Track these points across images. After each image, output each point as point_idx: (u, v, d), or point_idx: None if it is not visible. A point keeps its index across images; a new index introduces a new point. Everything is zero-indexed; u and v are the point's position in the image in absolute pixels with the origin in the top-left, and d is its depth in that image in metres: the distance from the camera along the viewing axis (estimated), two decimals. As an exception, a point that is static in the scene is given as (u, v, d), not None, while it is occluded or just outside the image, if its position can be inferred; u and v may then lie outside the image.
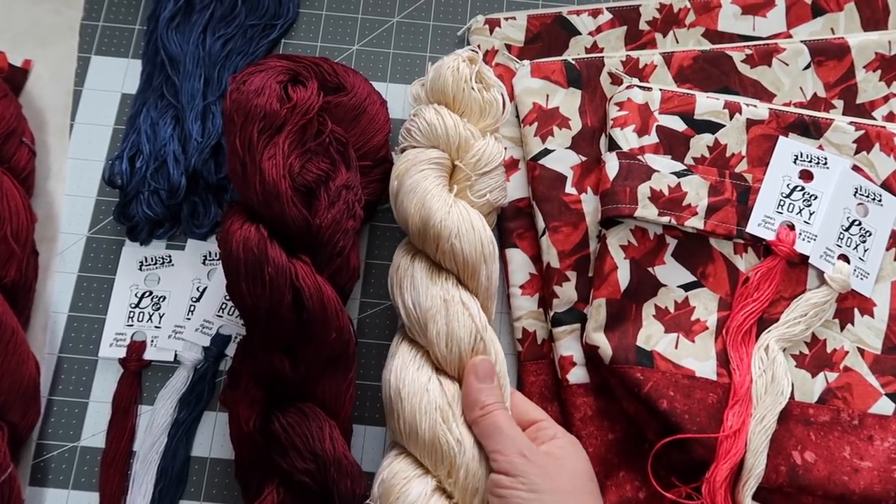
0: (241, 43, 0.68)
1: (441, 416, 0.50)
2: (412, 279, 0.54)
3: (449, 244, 0.53)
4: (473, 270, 0.54)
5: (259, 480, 0.54)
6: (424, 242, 0.55)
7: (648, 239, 0.58)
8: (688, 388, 0.55)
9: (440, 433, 0.50)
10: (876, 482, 0.53)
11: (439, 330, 0.52)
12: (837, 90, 0.63)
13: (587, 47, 0.67)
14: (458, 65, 0.59)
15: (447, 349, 0.52)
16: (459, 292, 0.54)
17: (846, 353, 0.57)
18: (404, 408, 0.51)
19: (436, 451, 0.50)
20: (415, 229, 0.55)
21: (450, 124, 0.57)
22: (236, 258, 0.51)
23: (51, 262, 0.63)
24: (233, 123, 0.54)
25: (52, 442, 0.59)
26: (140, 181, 0.62)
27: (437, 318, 0.52)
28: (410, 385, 0.51)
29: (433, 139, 0.57)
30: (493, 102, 0.60)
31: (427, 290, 0.53)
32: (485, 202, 0.57)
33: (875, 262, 0.58)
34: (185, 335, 0.62)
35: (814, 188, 0.59)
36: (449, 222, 0.53)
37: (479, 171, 0.57)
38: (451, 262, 0.54)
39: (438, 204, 0.54)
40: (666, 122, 0.60)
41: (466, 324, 0.52)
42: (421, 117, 0.58)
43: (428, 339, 0.52)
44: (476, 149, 0.57)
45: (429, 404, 0.50)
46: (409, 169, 0.56)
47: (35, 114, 0.67)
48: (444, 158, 0.57)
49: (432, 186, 0.55)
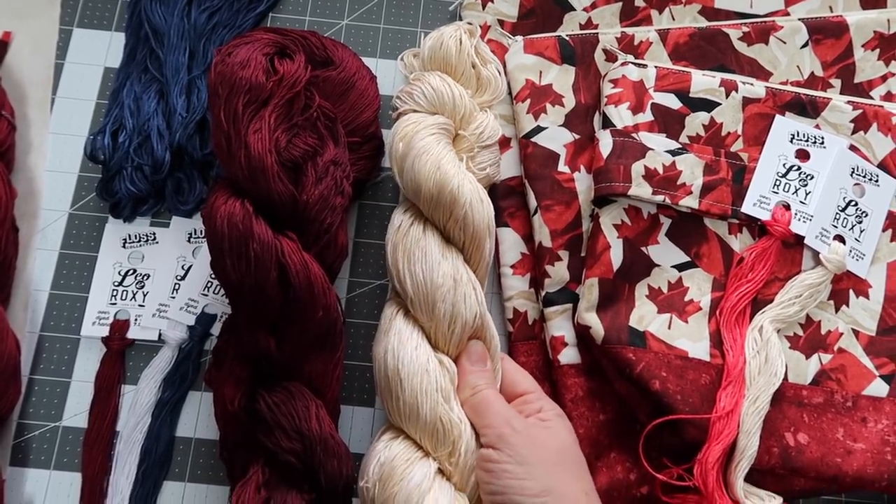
0: (228, 16, 0.66)
1: (443, 396, 0.50)
2: (424, 252, 0.52)
3: (463, 212, 0.52)
4: (480, 243, 0.53)
5: (244, 460, 0.53)
6: (436, 209, 0.53)
7: (642, 218, 0.58)
8: (680, 369, 0.54)
9: (442, 413, 0.49)
10: (869, 464, 0.52)
11: (446, 310, 0.51)
12: (835, 69, 0.62)
13: (581, 23, 0.66)
14: (460, 35, 0.58)
15: (449, 330, 0.51)
16: (466, 272, 0.53)
17: (840, 335, 0.56)
18: (405, 389, 0.49)
19: (438, 433, 0.49)
20: (428, 195, 0.52)
21: (457, 94, 0.56)
22: (221, 234, 0.50)
23: (32, 239, 0.62)
24: (217, 96, 0.53)
25: (33, 422, 0.58)
26: (123, 157, 0.61)
27: (448, 297, 0.51)
28: (410, 365, 0.50)
29: (438, 106, 0.56)
30: (492, 79, 0.59)
31: (439, 266, 0.52)
32: (485, 175, 0.57)
33: (871, 243, 0.57)
34: (170, 314, 0.60)
35: (810, 168, 0.58)
36: (465, 189, 0.52)
37: (481, 143, 0.56)
38: (460, 232, 0.53)
39: (455, 170, 0.53)
40: (661, 100, 0.59)
41: (472, 305, 0.52)
42: (425, 82, 0.56)
43: (435, 317, 0.51)
44: (479, 121, 0.57)
45: (429, 385, 0.50)
46: (419, 131, 0.54)
47: (15, 87, 0.65)
48: (449, 125, 0.56)
49: (446, 152, 0.53)
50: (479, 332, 0.53)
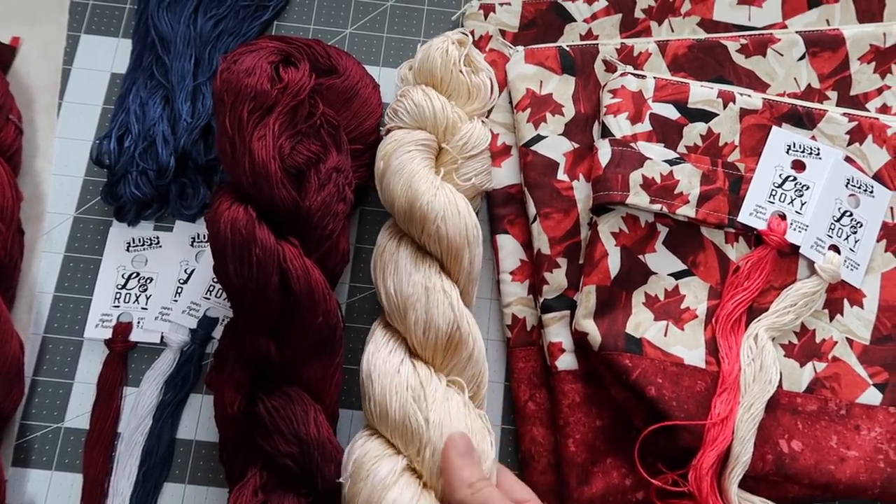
0: (233, 23, 0.67)
1: (412, 395, 0.50)
2: (396, 265, 0.54)
3: (435, 226, 0.53)
4: (457, 254, 0.54)
5: (243, 463, 0.53)
6: (410, 224, 0.54)
7: (640, 226, 0.58)
8: (676, 376, 0.54)
9: (410, 412, 0.49)
10: (862, 471, 0.53)
11: (418, 318, 0.52)
12: (831, 81, 0.63)
13: (582, 34, 0.67)
14: (447, 46, 0.59)
15: (424, 336, 0.52)
16: (441, 280, 0.54)
17: (835, 344, 0.57)
18: (374, 389, 0.50)
19: (406, 431, 0.49)
20: (401, 211, 0.54)
21: (437, 106, 0.57)
22: (224, 238, 0.51)
23: (37, 242, 0.63)
24: (223, 103, 0.54)
25: (35, 423, 0.59)
26: (128, 161, 0.61)
27: (418, 305, 0.52)
28: (381, 367, 0.51)
29: (420, 121, 0.57)
30: (482, 86, 0.60)
31: (410, 277, 0.53)
32: (470, 186, 0.58)
33: (865, 254, 0.58)
34: (172, 317, 0.61)
35: (806, 178, 0.58)
36: (436, 204, 0.53)
37: (465, 154, 0.57)
38: (435, 245, 0.54)
39: (425, 186, 0.54)
40: (659, 110, 0.60)
41: (446, 313, 0.52)
42: (409, 98, 0.58)
43: (406, 325, 0.52)
44: (463, 132, 0.57)
45: (399, 385, 0.50)
46: (396, 150, 0.55)
47: (23, 92, 0.66)
48: (431, 140, 0.57)
49: (419, 168, 0.55)
50: (456, 340, 0.52)
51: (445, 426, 0.48)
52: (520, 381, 0.59)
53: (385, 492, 0.46)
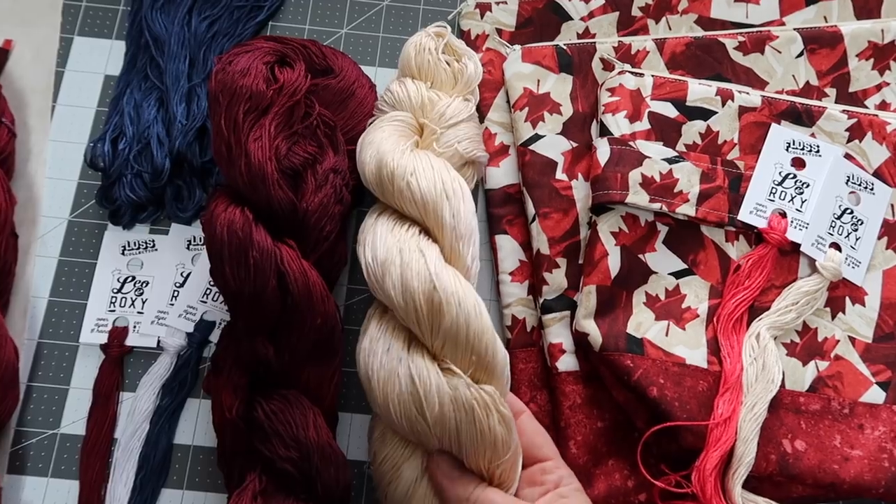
0: (228, 24, 0.67)
1: (415, 403, 0.47)
2: (373, 234, 0.52)
3: (405, 181, 0.51)
4: (435, 208, 0.51)
5: (241, 468, 0.53)
6: (383, 190, 0.53)
7: (639, 226, 0.58)
8: (678, 376, 0.54)
9: (413, 418, 0.47)
10: (866, 471, 0.52)
11: (394, 282, 0.48)
12: (830, 78, 0.63)
13: (579, 32, 0.66)
14: (419, 39, 0.61)
15: (404, 303, 0.48)
16: (419, 240, 0.51)
17: (837, 342, 0.56)
18: (376, 396, 0.48)
19: (415, 433, 0.48)
20: (371, 177, 0.54)
21: (412, 89, 0.59)
22: (220, 241, 0.50)
23: (31, 246, 0.62)
24: (218, 104, 0.53)
25: (31, 429, 0.58)
26: (123, 164, 0.61)
27: (392, 269, 0.49)
28: (379, 371, 0.48)
29: (396, 104, 0.59)
30: (464, 69, 0.61)
31: (384, 241, 0.51)
32: (454, 152, 0.57)
33: (866, 251, 0.58)
34: (169, 321, 0.61)
35: (806, 176, 0.58)
36: (403, 161, 0.53)
37: (444, 124, 0.57)
38: (411, 205, 0.52)
39: (392, 146, 0.54)
40: (658, 109, 0.60)
41: (420, 272, 0.48)
42: (386, 90, 0.60)
43: (386, 294, 0.49)
44: (439, 105, 0.58)
45: (399, 389, 0.47)
46: (370, 130, 0.57)
47: (16, 95, 0.65)
48: (406, 116, 0.58)
49: (387, 135, 0.55)
50: (436, 303, 0.47)
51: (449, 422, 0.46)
52: (520, 383, 0.58)
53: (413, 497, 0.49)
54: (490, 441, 0.46)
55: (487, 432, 0.46)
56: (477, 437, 0.46)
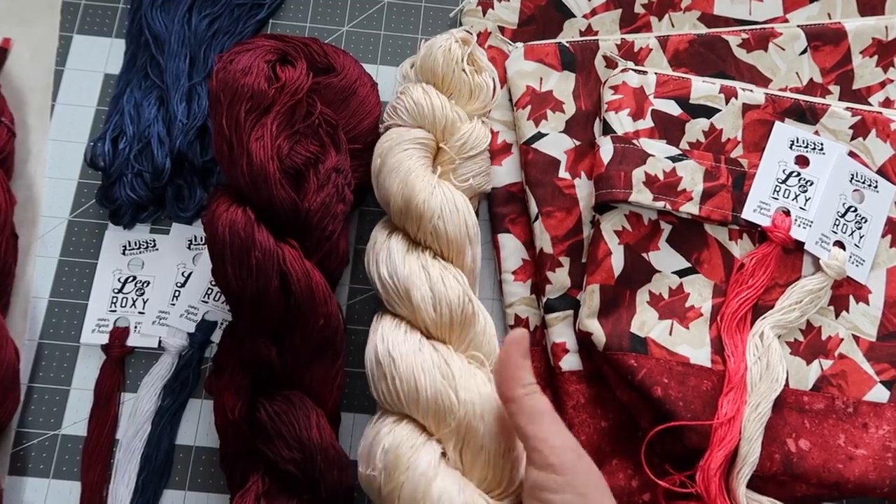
0: (228, 22, 0.66)
1: (440, 373, 0.48)
2: (389, 251, 0.53)
3: (432, 225, 0.52)
4: (459, 251, 0.53)
5: (244, 469, 0.52)
6: (406, 222, 0.53)
7: (643, 224, 0.58)
8: (682, 375, 0.54)
9: (441, 389, 0.47)
10: (870, 470, 0.52)
11: (423, 294, 0.50)
12: (834, 75, 0.62)
13: (581, 30, 0.66)
14: (450, 45, 0.58)
15: (436, 313, 0.50)
16: (439, 262, 0.52)
17: (841, 341, 0.56)
18: (399, 368, 0.48)
19: (439, 409, 0.47)
20: (396, 209, 0.53)
21: (437, 105, 0.56)
22: (222, 241, 0.50)
23: (31, 246, 0.62)
24: (219, 103, 0.53)
25: (32, 430, 0.58)
26: (123, 163, 0.61)
27: (419, 283, 0.50)
28: (402, 346, 0.49)
29: (419, 119, 0.56)
30: (484, 86, 0.59)
31: (404, 259, 0.52)
32: (468, 187, 0.57)
33: (870, 249, 0.58)
34: (170, 321, 0.60)
35: (810, 174, 0.58)
36: (433, 203, 0.52)
37: (463, 154, 0.57)
38: (433, 241, 0.53)
39: (422, 184, 0.53)
40: (661, 106, 0.59)
41: (453, 286, 0.50)
42: (408, 96, 0.57)
43: (413, 305, 0.50)
44: (462, 132, 0.57)
45: (425, 362, 0.48)
46: (393, 147, 0.55)
47: (15, 94, 0.65)
48: (429, 139, 0.56)
49: (416, 166, 0.54)
50: (470, 313, 0.51)
51: (476, 403, 0.47)
52: (523, 383, 0.58)
53: (430, 485, 0.45)
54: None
55: None
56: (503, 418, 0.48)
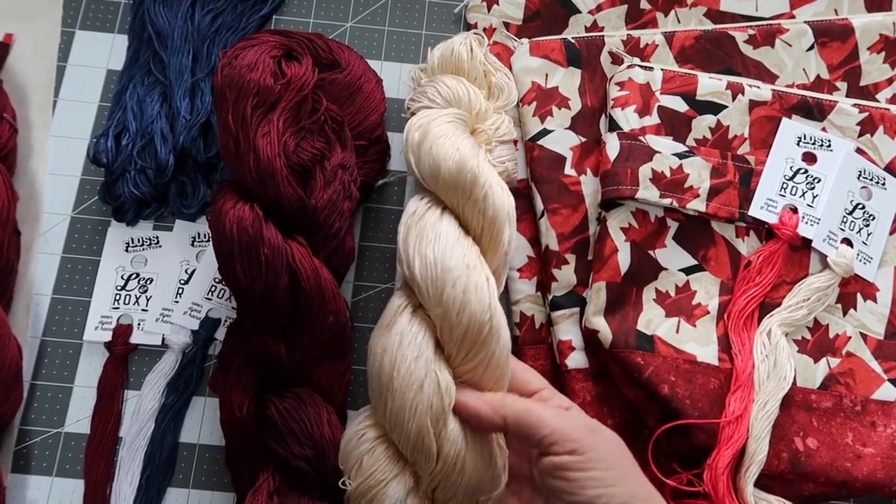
0: (231, 18, 0.66)
1: (431, 418, 0.45)
2: (439, 234, 0.48)
3: (483, 192, 0.49)
4: (499, 230, 0.50)
5: (251, 467, 0.52)
6: (454, 190, 0.50)
7: (649, 221, 0.57)
8: (689, 373, 0.54)
9: (426, 434, 0.45)
10: (879, 469, 0.52)
11: (455, 297, 0.46)
12: (841, 72, 0.62)
13: (587, 26, 0.65)
14: (470, 42, 0.58)
15: (457, 318, 0.46)
16: (481, 262, 0.49)
17: (849, 339, 0.56)
18: (394, 399, 0.45)
19: (417, 452, 0.45)
20: (447, 174, 0.49)
21: (472, 91, 0.56)
22: (230, 238, 0.49)
23: (34, 243, 0.61)
24: (225, 99, 0.52)
25: (35, 428, 0.58)
26: (126, 160, 0.60)
27: (458, 282, 0.46)
28: (406, 377, 0.45)
29: (454, 102, 0.56)
30: (504, 86, 0.60)
31: (454, 250, 0.47)
32: (503, 169, 0.57)
33: (878, 247, 0.57)
34: (173, 318, 0.60)
35: (817, 171, 0.58)
36: (484, 168, 0.50)
37: (499, 137, 0.56)
38: (480, 216, 0.49)
39: (473, 150, 0.51)
40: (667, 103, 0.59)
41: (483, 296, 0.46)
42: (439, 81, 0.56)
43: (443, 303, 0.46)
44: (495, 118, 0.57)
45: (421, 403, 0.45)
46: (435, 119, 0.52)
47: (17, 90, 0.65)
48: (466, 117, 0.55)
49: (463, 136, 0.52)
50: (486, 331, 0.46)
51: (460, 456, 0.45)
52: (530, 380, 0.58)
53: None
54: (490, 477, 0.47)
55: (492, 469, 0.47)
56: (482, 468, 0.46)
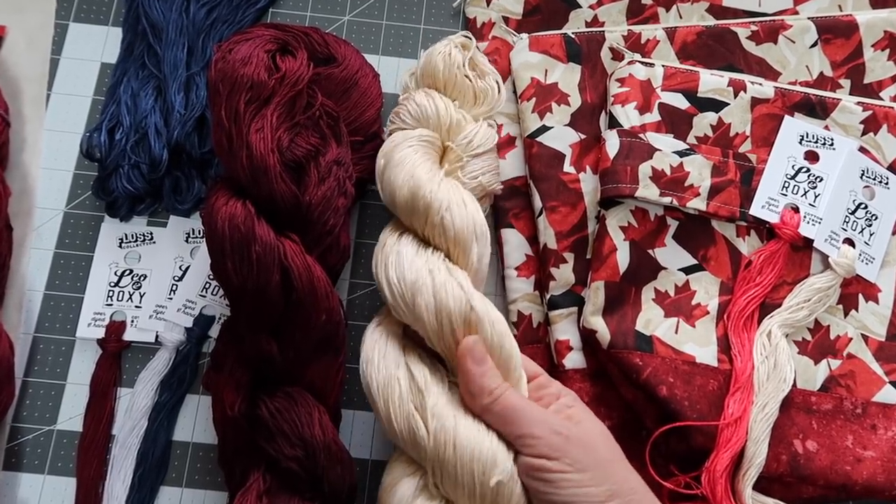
0: (227, 11, 0.65)
1: (414, 404, 0.46)
2: (398, 254, 0.50)
3: (440, 216, 0.50)
4: (464, 248, 0.51)
5: (243, 467, 0.52)
6: (413, 216, 0.51)
7: (649, 220, 0.57)
8: (688, 375, 0.53)
9: (413, 424, 0.46)
10: (879, 472, 0.51)
11: (428, 303, 0.47)
12: (844, 69, 0.61)
13: (587, 21, 0.65)
14: (449, 50, 0.57)
15: (437, 323, 0.47)
16: (446, 264, 0.50)
17: (850, 340, 0.55)
18: (378, 406, 0.47)
19: (416, 445, 0.46)
20: (402, 202, 0.51)
21: (440, 106, 0.55)
22: (222, 235, 0.49)
23: (26, 238, 0.61)
24: (218, 94, 0.52)
25: (27, 425, 0.57)
26: (120, 154, 0.59)
27: (424, 289, 0.48)
28: (378, 378, 0.48)
29: (423, 121, 0.55)
30: (489, 90, 0.58)
31: (412, 263, 0.49)
32: (477, 184, 0.56)
33: (881, 247, 0.57)
34: (167, 315, 0.59)
35: (819, 170, 0.57)
36: (440, 194, 0.50)
37: (470, 152, 0.55)
38: (440, 237, 0.51)
39: (428, 175, 0.51)
40: (668, 100, 0.58)
41: (457, 295, 0.47)
42: (411, 100, 0.56)
43: (416, 315, 0.48)
44: (467, 130, 0.56)
45: (400, 397, 0.47)
46: (398, 145, 0.53)
47: (10, 83, 0.64)
48: (433, 137, 0.55)
49: (421, 160, 0.52)
50: (473, 324, 0.47)
51: (447, 434, 0.45)
52: (526, 380, 0.57)
53: None
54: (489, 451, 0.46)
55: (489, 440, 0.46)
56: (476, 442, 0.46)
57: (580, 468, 0.43)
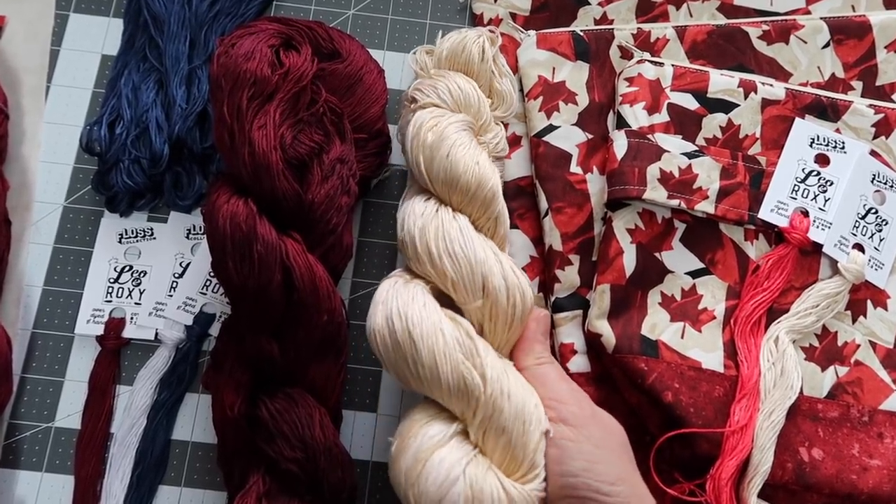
0: (230, 4, 0.64)
1: (463, 353, 0.45)
2: (461, 231, 0.49)
3: (498, 208, 0.52)
4: (502, 245, 0.52)
5: (243, 468, 0.51)
6: (471, 202, 0.51)
7: (656, 223, 0.56)
8: (693, 381, 0.52)
9: (465, 372, 0.45)
10: (885, 481, 0.51)
11: (499, 285, 0.48)
12: (857, 71, 0.60)
13: (596, 18, 0.64)
14: (483, 42, 0.57)
15: (509, 304, 0.48)
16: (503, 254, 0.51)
17: (858, 347, 0.55)
18: (420, 352, 0.45)
19: (462, 393, 0.45)
20: (465, 186, 0.50)
21: (482, 99, 0.55)
22: (223, 234, 0.48)
23: (24, 233, 0.60)
24: (220, 89, 0.51)
25: (24, 422, 0.57)
26: (120, 149, 0.59)
27: (495, 269, 0.48)
28: (420, 325, 0.45)
29: (464, 107, 0.55)
30: (506, 94, 0.59)
31: (476, 244, 0.49)
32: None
33: (890, 253, 0.56)
34: (167, 313, 0.59)
35: (830, 173, 0.56)
36: (498, 188, 0.52)
37: (496, 153, 0.56)
38: (492, 228, 0.52)
39: (491, 168, 0.52)
40: (678, 100, 0.57)
41: (523, 278, 0.49)
42: (452, 80, 0.55)
43: (490, 294, 0.48)
44: (495, 131, 0.56)
45: (446, 345, 0.45)
46: (449, 125, 0.52)
47: (9, 74, 0.63)
48: (474, 125, 0.55)
49: (480, 149, 0.52)
50: (523, 311, 0.49)
51: (503, 383, 0.45)
52: (530, 383, 0.57)
53: (434, 450, 0.44)
54: (533, 403, 0.46)
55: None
56: (524, 391, 0.47)
57: (595, 444, 0.44)
